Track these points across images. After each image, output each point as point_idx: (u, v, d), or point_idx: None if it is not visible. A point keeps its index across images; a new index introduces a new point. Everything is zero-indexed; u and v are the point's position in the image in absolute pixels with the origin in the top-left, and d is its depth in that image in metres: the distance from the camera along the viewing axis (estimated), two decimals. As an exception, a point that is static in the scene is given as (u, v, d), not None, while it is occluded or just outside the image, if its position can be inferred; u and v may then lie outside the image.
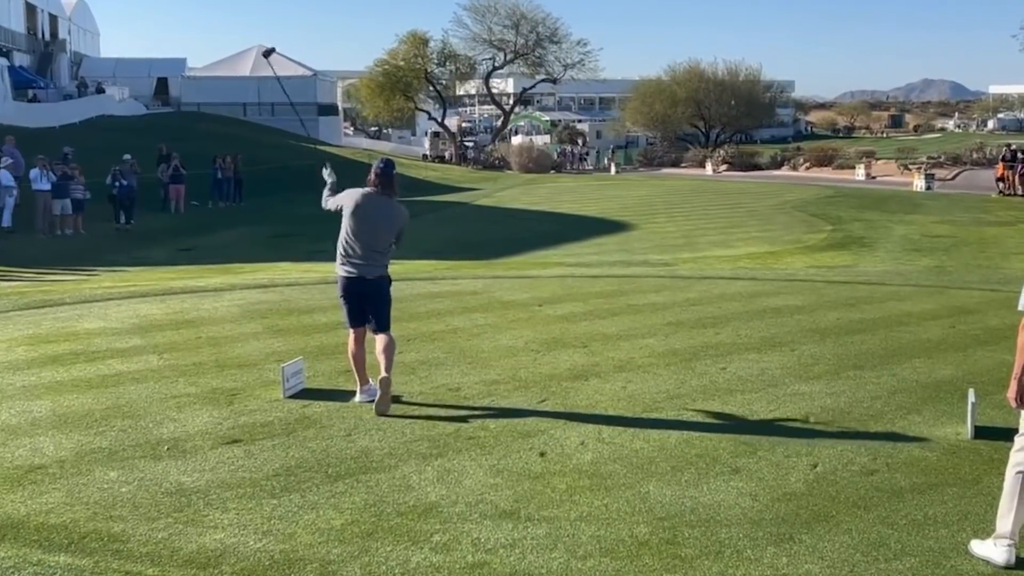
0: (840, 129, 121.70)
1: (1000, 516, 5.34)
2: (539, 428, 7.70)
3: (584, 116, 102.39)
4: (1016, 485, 5.29)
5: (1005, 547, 5.27)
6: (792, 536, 5.65)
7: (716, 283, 15.29)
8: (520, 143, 72.98)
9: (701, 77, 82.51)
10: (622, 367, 9.59)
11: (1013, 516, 5.29)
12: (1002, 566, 5.25)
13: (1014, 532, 5.30)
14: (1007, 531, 5.29)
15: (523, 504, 6.15)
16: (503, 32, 76.04)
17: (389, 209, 8.59)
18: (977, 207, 33.80)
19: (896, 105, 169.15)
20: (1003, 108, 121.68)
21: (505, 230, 29.82)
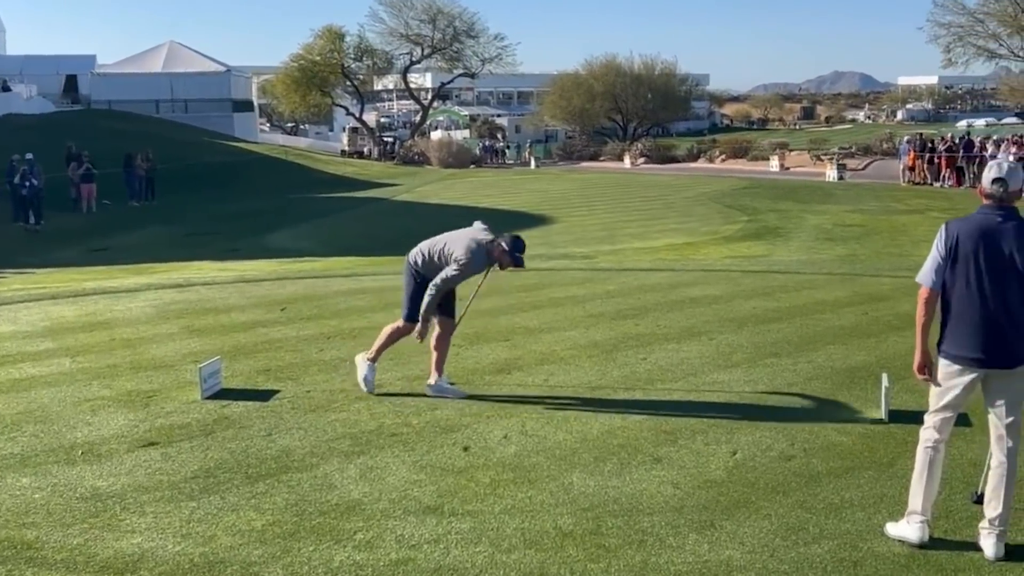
0: (754, 121, 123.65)
1: (912, 494, 5.48)
2: (462, 423, 7.69)
3: (503, 110, 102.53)
4: (925, 462, 5.44)
5: (917, 524, 5.41)
6: (713, 523, 5.73)
7: (636, 275, 15.42)
8: (439, 138, 72.82)
9: (618, 71, 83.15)
10: (544, 360, 9.63)
11: (923, 492, 5.43)
12: (916, 543, 5.38)
13: (926, 509, 5.44)
14: (918, 508, 5.43)
15: (447, 499, 6.13)
16: (420, 27, 75.78)
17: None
18: (888, 196, 34.61)
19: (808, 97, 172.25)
20: (911, 99, 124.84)
21: (426, 225, 29.53)
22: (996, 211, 5.27)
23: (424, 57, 77.46)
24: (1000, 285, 5.19)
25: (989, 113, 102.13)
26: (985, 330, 5.24)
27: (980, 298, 5.24)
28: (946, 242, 5.35)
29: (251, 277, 15.95)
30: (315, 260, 20.73)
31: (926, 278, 5.42)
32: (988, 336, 5.23)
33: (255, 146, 63.41)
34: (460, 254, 8.15)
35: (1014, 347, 5.20)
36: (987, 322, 5.23)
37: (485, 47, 77.36)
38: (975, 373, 5.30)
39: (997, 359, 5.24)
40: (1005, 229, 5.21)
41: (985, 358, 5.26)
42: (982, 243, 5.22)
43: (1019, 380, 5.26)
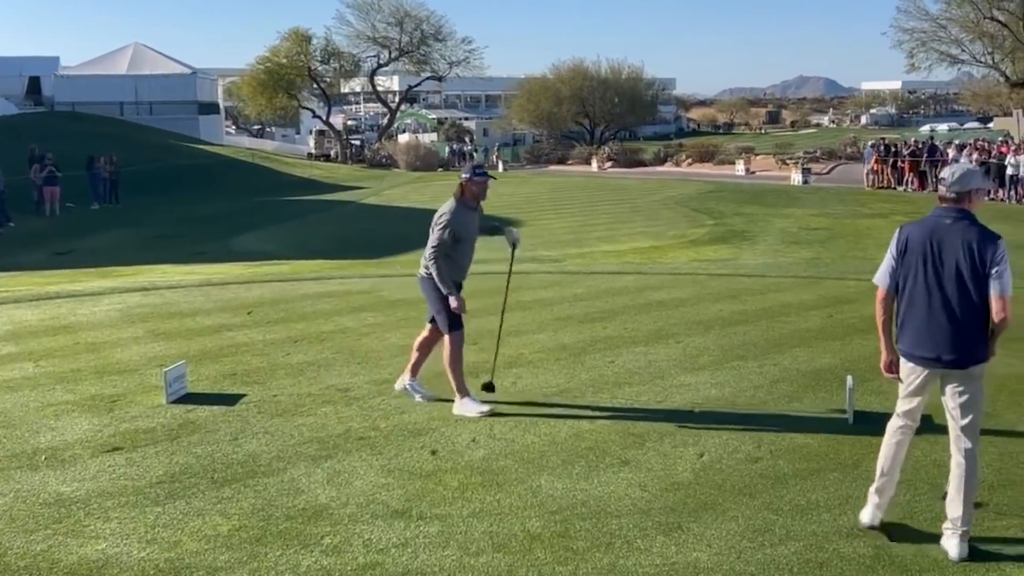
0: (720, 126, 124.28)
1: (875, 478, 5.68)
2: (430, 426, 7.68)
3: (471, 114, 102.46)
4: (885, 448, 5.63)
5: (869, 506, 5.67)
6: (680, 525, 5.75)
7: (603, 278, 15.46)
8: (407, 141, 72.63)
9: (585, 75, 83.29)
10: (512, 363, 9.63)
11: (878, 477, 5.63)
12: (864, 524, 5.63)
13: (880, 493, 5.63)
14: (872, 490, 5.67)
15: (415, 503, 6.12)
16: (387, 29, 75.62)
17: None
18: (852, 200, 34.90)
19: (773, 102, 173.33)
20: (875, 104, 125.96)
21: (393, 228, 29.63)
22: (947, 213, 5.38)
23: (391, 60, 77.31)
24: (948, 285, 5.29)
25: (952, 118, 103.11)
26: (935, 330, 5.34)
27: (928, 298, 5.35)
28: (898, 244, 5.49)
29: (217, 280, 15.83)
30: (282, 263, 20.62)
31: (880, 279, 5.57)
32: (937, 336, 5.33)
33: (221, 148, 62.99)
34: (435, 218, 8.14)
35: (964, 347, 5.29)
36: (936, 322, 5.33)
37: (452, 50, 77.40)
38: (928, 371, 5.41)
39: (947, 359, 5.33)
40: (954, 230, 5.31)
41: (935, 357, 5.36)
42: (931, 245, 5.33)
43: (972, 381, 5.34)
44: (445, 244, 8.06)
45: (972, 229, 5.28)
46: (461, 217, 8.09)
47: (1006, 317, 5.20)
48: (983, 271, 5.20)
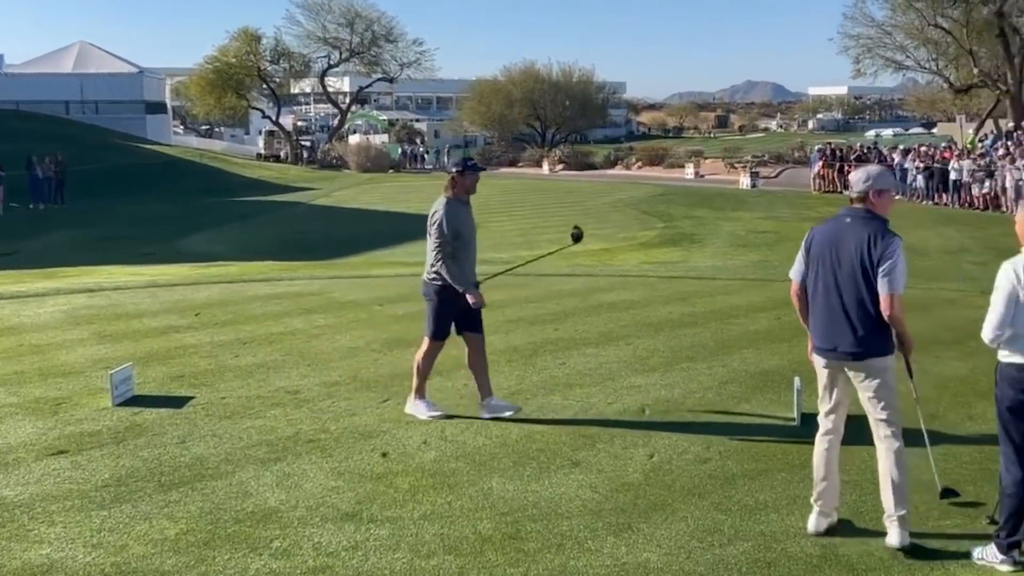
0: (670, 129, 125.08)
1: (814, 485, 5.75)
2: (381, 428, 7.65)
3: (422, 115, 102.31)
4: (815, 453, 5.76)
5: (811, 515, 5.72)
6: (631, 525, 5.78)
7: (554, 280, 15.50)
8: (358, 142, 72.32)
9: (536, 78, 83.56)
10: (463, 365, 9.59)
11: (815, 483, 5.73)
12: (809, 533, 5.65)
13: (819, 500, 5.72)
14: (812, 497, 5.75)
15: (365, 505, 6.09)
16: (338, 30, 75.28)
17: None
18: (799, 203, 35.32)
19: (722, 106, 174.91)
20: (822, 109, 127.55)
21: (344, 230, 29.49)
22: (849, 212, 5.60)
23: (342, 61, 76.96)
24: (845, 282, 5.49)
25: (896, 123, 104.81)
26: (833, 323, 5.55)
27: (827, 293, 5.57)
28: (806, 242, 5.74)
29: (164, 282, 15.66)
30: (230, 264, 20.43)
31: (793, 274, 5.84)
32: (835, 329, 5.54)
33: (168, 148, 62.35)
34: (430, 218, 7.86)
35: (860, 341, 5.47)
36: (834, 316, 5.54)
37: (404, 52, 77.26)
38: (833, 363, 5.61)
39: (844, 351, 5.53)
40: (852, 229, 5.50)
41: (834, 349, 5.57)
42: (831, 242, 5.56)
43: (877, 373, 5.50)
44: (447, 242, 7.76)
45: (869, 228, 5.46)
46: (456, 212, 7.83)
47: (892, 314, 5.38)
48: (873, 270, 5.37)
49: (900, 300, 5.39)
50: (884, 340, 5.49)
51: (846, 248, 5.48)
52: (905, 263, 5.41)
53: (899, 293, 5.38)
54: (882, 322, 5.45)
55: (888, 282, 5.35)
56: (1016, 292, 5.03)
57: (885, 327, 5.47)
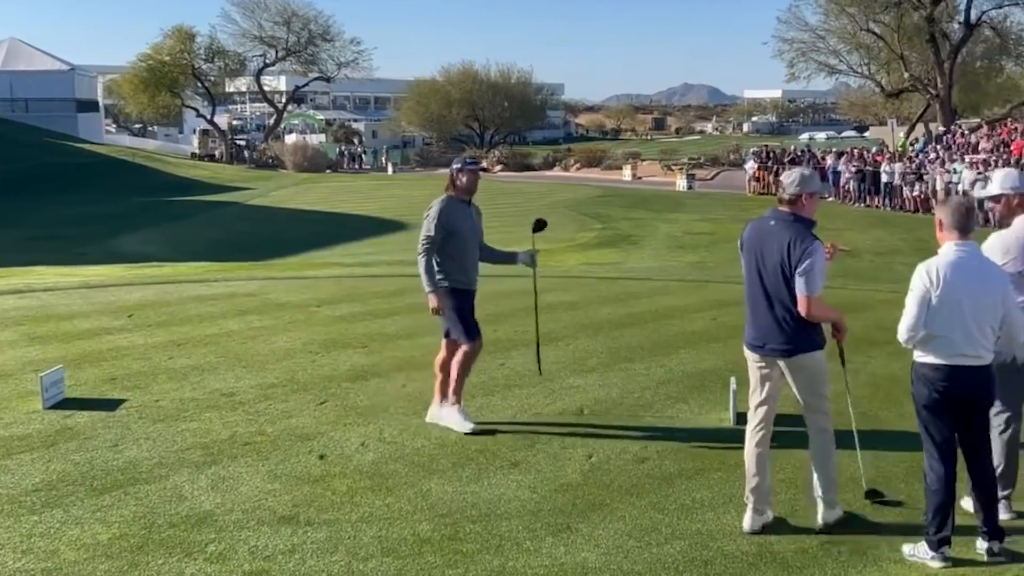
0: (608, 131, 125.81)
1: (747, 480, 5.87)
2: (318, 431, 7.58)
3: (359, 115, 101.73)
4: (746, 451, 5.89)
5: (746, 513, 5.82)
6: (569, 526, 5.79)
7: (493, 281, 15.41)
8: (294, 142, 71.82)
9: (475, 79, 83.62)
10: (402, 366, 9.58)
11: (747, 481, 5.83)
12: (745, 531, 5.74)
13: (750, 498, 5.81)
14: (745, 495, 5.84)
15: (302, 508, 6.03)
16: (274, 29, 74.78)
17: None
18: (735, 205, 35.74)
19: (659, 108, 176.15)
20: (757, 112, 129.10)
21: (281, 230, 29.25)
22: (776, 215, 5.78)
23: (278, 60, 76.41)
24: (769, 281, 5.66)
25: (829, 126, 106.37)
26: (762, 321, 5.73)
27: (754, 292, 5.76)
28: (740, 241, 5.95)
29: (96, 283, 15.37)
30: (164, 265, 20.14)
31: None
32: (763, 326, 5.73)
33: (100, 147, 61.33)
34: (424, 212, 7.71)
35: (787, 338, 5.63)
36: (761, 314, 5.73)
37: (341, 51, 77.00)
38: (763, 359, 5.78)
39: (772, 347, 5.70)
40: (776, 231, 5.66)
41: (762, 345, 5.75)
42: (757, 242, 5.76)
43: (805, 368, 5.66)
44: (433, 238, 7.56)
45: (791, 231, 5.59)
46: (453, 210, 7.68)
47: (809, 314, 5.53)
48: (791, 271, 5.52)
49: (817, 301, 5.53)
50: (812, 336, 5.64)
51: (770, 249, 5.63)
52: (823, 266, 5.55)
53: (815, 295, 5.51)
54: (806, 321, 5.59)
55: (803, 284, 5.49)
56: (929, 294, 5.22)
57: (809, 326, 5.61)
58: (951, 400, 5.27)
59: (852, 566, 5.31)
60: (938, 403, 5.28)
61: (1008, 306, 5.31)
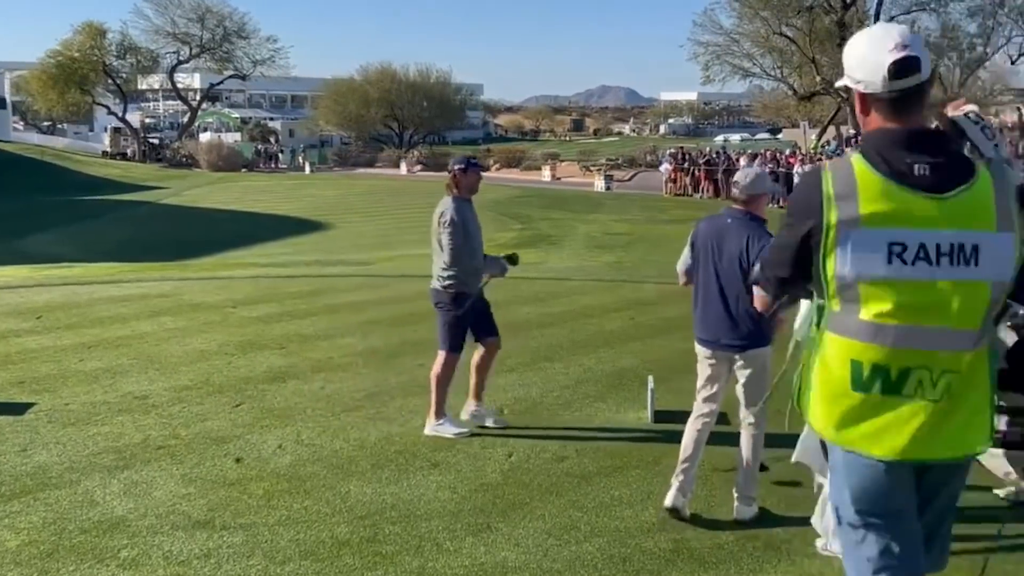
0: (527, 132, 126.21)
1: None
2: (234, 433, 7.47)
3: (276, 114, 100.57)
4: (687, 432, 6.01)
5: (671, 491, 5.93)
6: (489, 525, 5.79)
7: (414, 281, 15.42)
8: (209, 140, 70.75)
9: (393, 78, 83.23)
10: (321, 367, 9.49)
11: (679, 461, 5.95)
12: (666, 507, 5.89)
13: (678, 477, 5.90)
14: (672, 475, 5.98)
15: (218, 512, 5.94)
16: (188, 25, 73.64)
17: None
18: (652, 206, 36.16)
19: (577, 110, 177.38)
20: (673, 114, 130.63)
21: (195, 230, 28.79)
22: (731, 213, 5.94)
23: (192, 57, 75.25)
24: (724, 277, 5.81)
25: (744, 129, 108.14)
26: (716, 316, 5.87)
27: (708, 287, 5.91)
28: (691, 237, 6.08)
29: (2, 284, 14.97)
30: (74, 266, 19.70)
31: (679, 265, 6.21)
32: (716, 321, 5.87)
33: (8, 145, 59.69)
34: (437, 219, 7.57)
35: (740, 333, 5.79)
36: (714, 309, 5.87)
37: (257, 48, 76.14)
38: (712, 354, 5.91)
39: (725, 342, 5.83)
40: (732, 229, 5.84)
41: (714, 340, 5.88)
42: (712, 239, 5.90)
43: (757, 363, 5.82)
44: (462, 246, 7.50)
45: (747, 228, 5.79)
46: (465, 211, 7.61)
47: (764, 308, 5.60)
48: (748, 265, 5.65)
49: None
50: (763, 331, 5.81)
51: (728, 246, 5.79)
52: None
53: None
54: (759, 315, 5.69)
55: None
56: None
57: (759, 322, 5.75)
58: None
59: (767, 561, 5.40)
60: None
61: None
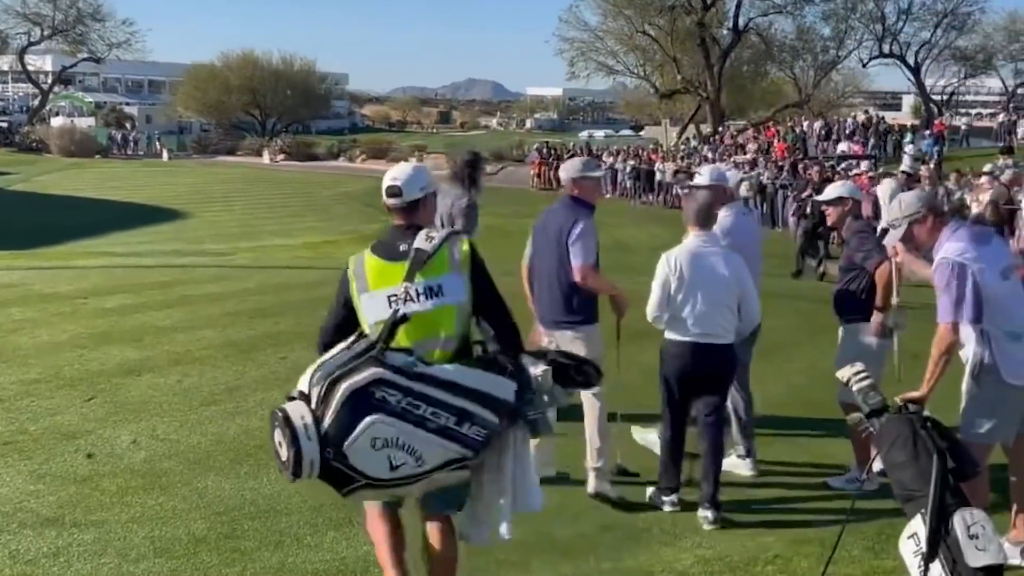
0: (394, 123, 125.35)
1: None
2: (86, 428, 7.24)
3: (132, 99, 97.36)
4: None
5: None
6: (352, 520, 5.73)
7: (276, 273, 15.21)
8: (61, 125, 68.13)
9: (256, 65, 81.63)
10: (178, 360, 9.25)
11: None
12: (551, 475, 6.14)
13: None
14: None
15: (68, 510, 5.75)
16: (39, 5, 70.60)
17: None
18: (518, 200, 36.35)
19: (444, 102, 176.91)
20: (539, 109, 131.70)
21: (46, 218, 27.71)
22: (560, 200, 6.35)
23: (44, 38, 72.25)
24: (549, 259, 6.17)
25: (608, 125, 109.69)
26: (546, 296, 6.24)
27: (540, 271, 6.31)
28: (534, 225, 6.52)
29: None
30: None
31: (524, 257, 6.61)
32: (545, 300, 6.24)
33: None
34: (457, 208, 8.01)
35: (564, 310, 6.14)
36: (544, 289, 6.25)
37: (112, 31, 73.48)
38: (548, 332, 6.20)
39: (551, 319, 6.20)
40: (556, 213, 6.23)
41: (542, 317, 6.27)
42: (543, 226, 6.30)
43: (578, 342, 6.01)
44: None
45: (565, 212, 6.17)
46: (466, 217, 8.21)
47: (584, 283, 6.04)
48: (567, 245, 6.02)
49: (590, 269, 6.02)
50: (583, 312, 6.11)
51: (551, 230, 6.13)
52: (594, 239, 6.05)
53: (588, 263, 5.99)
54: (582, 296, 6.08)
55: (575, 252, 5.99)
56: (669, 279, 5.91)
57: (583, 300, 6.09)
58: (691, 374, 5.95)
59: (626, 549, 5.52)
60: (679, 376, 5.97)
61: (743, 289, 5.97)
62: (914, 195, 5.18)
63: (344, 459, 3.73)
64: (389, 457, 3.71)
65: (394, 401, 3.71)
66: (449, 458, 3.83)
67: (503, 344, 4.15)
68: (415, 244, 4.11)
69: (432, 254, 4.08)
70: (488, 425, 3.87)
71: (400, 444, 3.71)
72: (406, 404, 3.72)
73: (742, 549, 5.51)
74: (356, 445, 3.68)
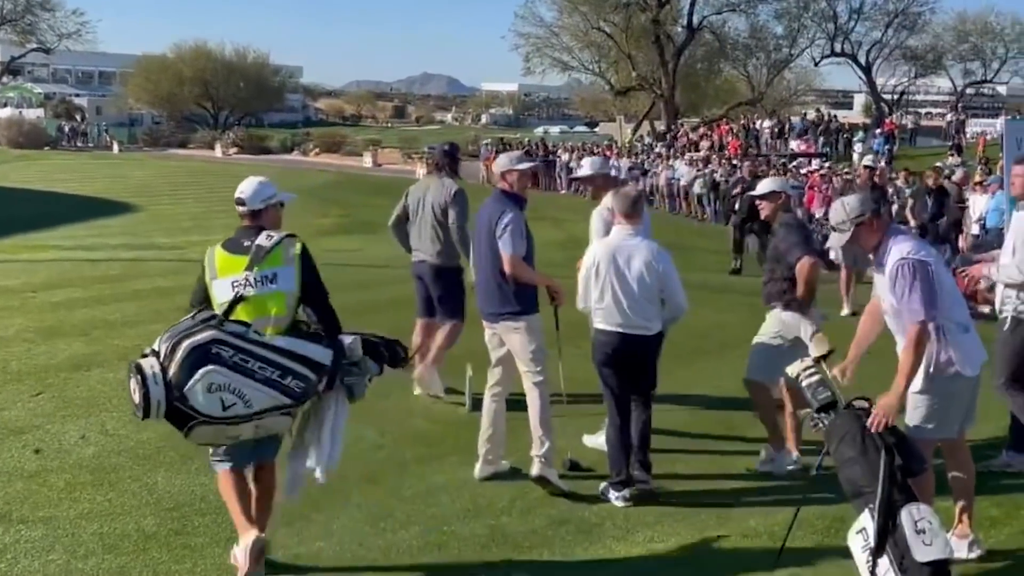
0: (348, 117, 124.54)
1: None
2: (33, 423, 7.15)
3: (82, 90, 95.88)
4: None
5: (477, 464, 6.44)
6: (304, 515, 5.73)
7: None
8: (8, 116, 67.08)
9: (208, 57, 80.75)
10: (127, 355, 9.05)
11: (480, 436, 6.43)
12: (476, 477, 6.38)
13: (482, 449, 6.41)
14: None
15: (15, 506, 5.68)
16: (-14, -6, 69.33)
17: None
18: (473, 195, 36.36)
19: (399, 97, 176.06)
20: (495, 104, 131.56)
21: (-6, 210, 27.23)
22: (492, 194, 6.44)
23: (-8, 28, 70.95)
24: (484, 251, 6.32)
25: (563, 121, 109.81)
26: (483, 287, 6.39)
27: (477, 264, 6.49)
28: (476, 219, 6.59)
29: None
30: None
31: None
32: (484, 292, 6.38)
33: None
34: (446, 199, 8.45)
35: (499, 303, 6.25)
36: (483, 282, 6.40)
37: (62, 21, 72.38)
38: (489, 325, 6.40)
39: (488, 312, 6.36)
40: (488, 206, 6.34)
41: (485, 311, 6.40)
42: (478, 219, 6.44)
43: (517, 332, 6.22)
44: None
45: (495, 205, 6.28)
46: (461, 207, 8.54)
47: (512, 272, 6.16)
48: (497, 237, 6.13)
49: (518, 260, 6.12)
50: (520, 303, 6.20)
51: (484, 224, 6.25)
52: (521, 229, 6.15)
53: (516, 254, 6.10)
54: (516, 288, 6.17)
55: (503, 244, 6.10)
56: (590, 272, 6.08)
57: (520, 292, 6.18)
58: (618, 360, 6.07)
59: (578, 544, 5.55)
60: (608, 363, 6.10)
61: (665, 280, 6.07)
62: (856, 198, 5.21)
63: (184, 400, 4.46)
64: (222, 399, 4.46)
65: (227, 356, 4.49)
66: (275, 404, 4.62)
67: (324, 326, 5.19)
68: (256, 241, 4.96)
69: (270, 250, 4.95)
70: (306, 381, 4.69)
71: (231, 389, 4.47)
72: (238, 359, 4.50)
73: (693, 542, 5.56)
74: (195, 388, 4.43)
